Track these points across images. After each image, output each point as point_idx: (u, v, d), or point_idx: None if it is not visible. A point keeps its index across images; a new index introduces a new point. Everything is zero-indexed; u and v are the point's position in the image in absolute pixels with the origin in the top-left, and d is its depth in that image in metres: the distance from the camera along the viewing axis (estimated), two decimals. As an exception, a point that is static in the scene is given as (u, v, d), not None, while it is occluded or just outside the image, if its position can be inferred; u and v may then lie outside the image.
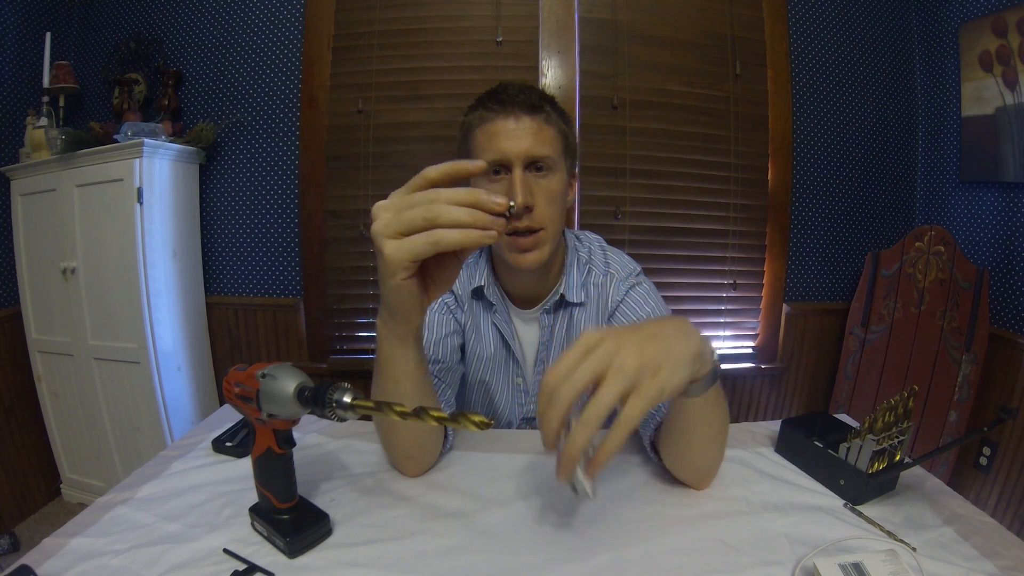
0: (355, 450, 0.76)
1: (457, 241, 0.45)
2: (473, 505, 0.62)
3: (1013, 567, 0.52)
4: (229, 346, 1.99)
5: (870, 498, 0.64)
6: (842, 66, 1.98)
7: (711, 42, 1.87)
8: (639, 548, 0.55)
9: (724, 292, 1.99)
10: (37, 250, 1.77)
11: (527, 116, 0.74)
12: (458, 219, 0.44)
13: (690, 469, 0.65)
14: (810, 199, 2.01)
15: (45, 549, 0.53)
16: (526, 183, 0.73)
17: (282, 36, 1.85)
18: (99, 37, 1.92)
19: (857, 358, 1.94)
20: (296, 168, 1.88)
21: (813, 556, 0.51)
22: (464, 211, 0.44)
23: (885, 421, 0.64)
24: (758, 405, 2.12)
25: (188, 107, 1.90)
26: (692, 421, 0.59)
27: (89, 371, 1.74)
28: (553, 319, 0.87)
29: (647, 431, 0.71)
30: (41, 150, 1.69)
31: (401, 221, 0.46)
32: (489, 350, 0.89)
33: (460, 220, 0.44)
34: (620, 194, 1.88)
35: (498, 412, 0.92)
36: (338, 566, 0.52)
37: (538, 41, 1.81)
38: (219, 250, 1.96)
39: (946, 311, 1.78)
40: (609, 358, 0.42)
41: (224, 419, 0.84)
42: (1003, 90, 1.68)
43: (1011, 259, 1.72)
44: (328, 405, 0.45)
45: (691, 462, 0.64)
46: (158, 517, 0.59)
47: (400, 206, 0.46)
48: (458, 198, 0.45)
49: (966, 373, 1.72)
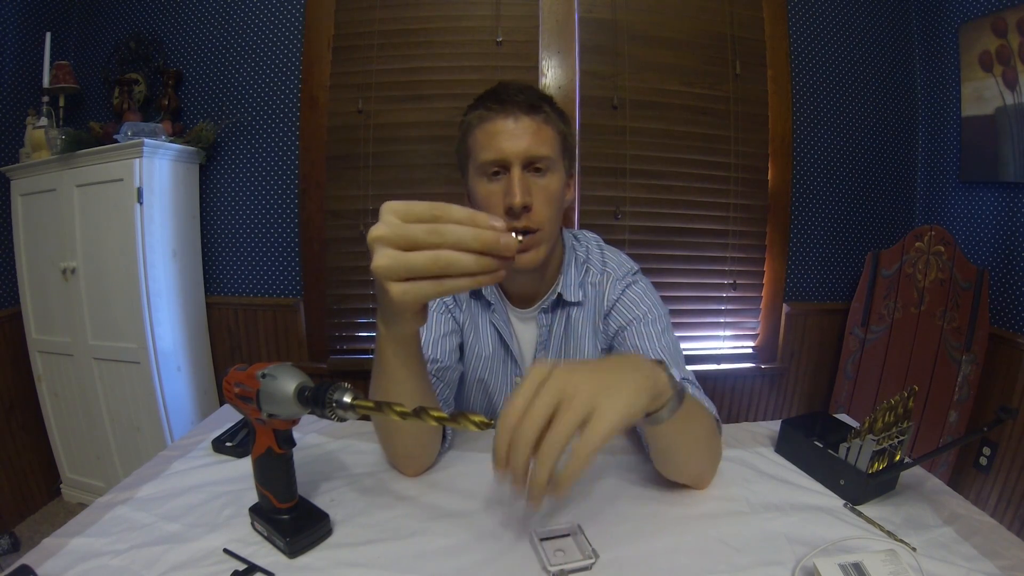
0: (355, 450, 0.76)
1: (466, 287, 0.43)
2: (473, 505, 0.62)
3: (1013, 567, 0.52)
4: (229, 346, 1.99)
5: (870, 498, 0.64)
6: (842, 66, 1.98)
7: (711, 42, 1.87)
8: (639, 548, 0.55)
9: (724, 292, 1.99)
10: (37, 250, 1.77)
11: (526, 116, 0.74)
12: (467, 267, 0.41)
13: (684, 476, 0.66)
14: (810, 199, 2.02)
15: (45, 549, 0.53)
16: (524, 183, 0.73)
17: (282, 36, 1.85)
18: (99, 37, 1.92)
19: (857, 358, 1.94)
20: (296, 168, 1.88)
21: (813, 556, 0.51)
22: (473, 259, 0.41)
23: (885, 421, 0.64)
24: (758, 405, 2.12)
25: (188, 107, 1.90)
26: (671, 441, 0.60)
27: (89, 371, 1.74)
28: (551, 318, 0.87)
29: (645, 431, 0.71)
30: (41, 150, 1.69)
31: (408, 267, 0.42)
32: (487, 349, 0.89)
33: (469, 269, 0.41)
34: (620, 194, 1.88)
35: (497, 412, 0.91)
36: (338, 566, 0.52)
37: (538, 41, 1.81)
38: (219, 250, 1.96)
39: (946, 311, 1.78)
40: (561, 389, 0.42)
41: (224, 419, 0.84)
42: (1003, 90, 1.68)
43: (1011, 259, 1.72)
44: (328, 405, 0.45)
45: (683, 471, 0.65)
46: (158, 517, 0.59)
47: (401, 242, 0.42)
48: (466, 242, 0.41)
49: (966, 373, 1.72)
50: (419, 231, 0.41)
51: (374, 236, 0.42)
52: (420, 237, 0.41)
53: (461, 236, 0.40)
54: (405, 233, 0.41)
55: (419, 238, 0.41)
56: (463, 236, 0.40)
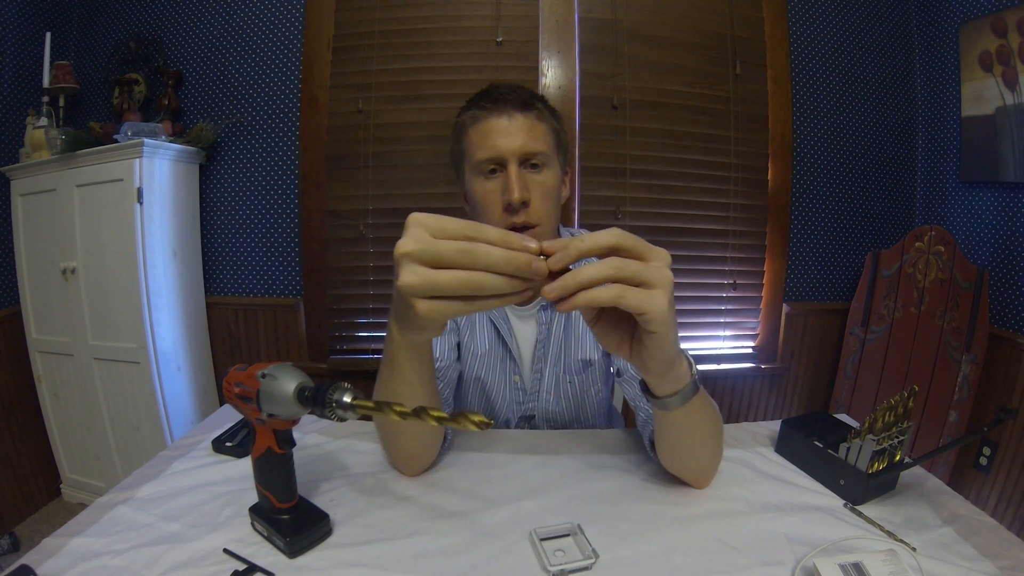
0: (355, 450, 0.76)
1: (493, 307, 0.42)
2: (473, 505, 0.62)
3: (1013, 567, 0.52)
4: (229, 346, 1.99)
5: (870, 498, 0.64)
6: (842, 66, 1.98)
7: (711, 42, 1.87)
8: (639, 548, 0.55)
9: (724, 292, 1.99)
10: (37, 250, 1.76)
11: (519, 113, 0.75)
12: (499, 289, 0.40)
13: (686, 471, 0.66)
14: (810, 199, 2.01)
15: (45, 549, 0.53)
16: (522, 179, 0.74)
17: (282, 36, 1.85)
18: (99, 37, 1.92)
19: (857, 358, 1.95)
20: (296, 168, 1.88)
21: (813, 556, 0.51)
22: (505, 282, 0.40)
23: (885, 421, 0.64)
24: (758, 405, 2.12)
25: (188, 107, 1.90)
26: (678, 430, 0.60)
27: (89, 371, 1.74)
28: (550, 316, 0.88)
29: (646, 430, 0.71)
30: (41, 150, 1.69)
31: (437, 287, 0.40)
32: (484, 346, 0.89)
33: (501, 291, 0.40)
34: (620, 194, 1.88)
35: (496, 411, 0.92)
36: (338, 566, 0.52)
37: (538, 41, 1.81)
38: (219, 250, 1.96)
39: (946, 311, 1.78)
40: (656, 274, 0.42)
41: (224, 419, 0.84)
42: (1003, 90, 1.68)
43: (1011, 259, 1.72)
44: (328, 405, 0.45)
45: (686, 465, 0.65)
46: (158, 517, 0.59)
47: (431, 260, 0.40)
48: (499, 266, 0.39)
49: (966, 373, 1.72)
50: (451, 251, 0.39)
51: (403, 252, 0.40)
52: (452, 257, 0.39)
53: (495, 259, 0.39)
54: (436, 250, 0.39)
55: (451, 258, 0.39)
56: (497, 259, 0.39)
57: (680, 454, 0.64)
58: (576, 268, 0.41)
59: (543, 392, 0.90)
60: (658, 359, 0.48)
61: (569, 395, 0.91)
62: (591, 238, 0.41)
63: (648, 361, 0.48)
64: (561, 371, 0.89)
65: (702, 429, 0.61)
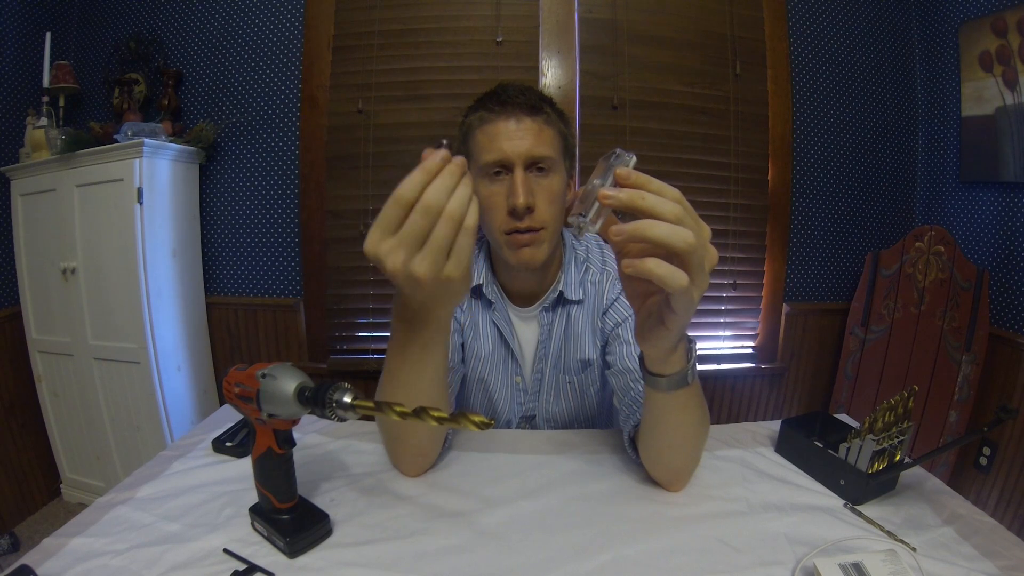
0: (355, 450, 0.76)
1: (472, 223, 0.45)
2: (473, 505, 0.62)
3: (1013, 567, 0.52)
4: (229, 346, 1.99)
5: (870, 498, 0.64)
6: (842, 66, 1.98)
7: (711, 42, 1.87)
8: (639, 548, 0.55)
9: (724, 292, 1.99)
10: (37, 250, 1.76)
11: (528, 117, 0.74)
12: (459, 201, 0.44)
13: (664, 467, 0.66)
14: (810, 199, 2.01)
15: (45, 549, 0.53)
16: (527, 183, 0.74)
17: (282, 36, 1.85)
18: (99, 37, 1.92)
19: (857, 358, 1.94)
20: (296, 168, 1.88)
21: (813, 556, 0.51)
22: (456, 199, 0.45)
23: (885, 421, 0.64)
24: (758, 405, 2.12)
25: (188, 107, 1.90)
26: (666, 418, 0.60)
27: (89, 371, 1.74)
28: (552, 317, 0.88)
29: (627, 427, 0.72)
30: (41, 150, 1.69)
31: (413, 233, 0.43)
32: (487, 348, 0.89)
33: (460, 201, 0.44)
34: (620, 194, 1.88)
35: (497, 411, 0.92)
36: (338, 566, 0.52)
37: (538, 41, 1.81)
38: (219, 250, 1.96)
39: (946, 311, 1.78)
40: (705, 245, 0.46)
41: (224, 419, 0.84)
42: (1003, 90, 1.68)
43: (1011, 259, 1.72)
44: (328, 405, 0.45)
45: (664, 459, 0.65)
46: (158, 517, 0.59)
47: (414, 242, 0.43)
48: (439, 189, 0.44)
49: (966, 373, 1.72)
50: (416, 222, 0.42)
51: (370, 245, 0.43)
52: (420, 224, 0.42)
53: (436, 188, 0.43)
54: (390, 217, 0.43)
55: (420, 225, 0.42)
56: (437, 188, 0.43)
57: (659, 447, 0.64)
58: (649, 223, 0.43)
59: (544, 392, 0.91)
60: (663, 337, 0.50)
61: (569, 395, 0.91)
62: (660, 204, 0.44)
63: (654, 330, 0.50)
64: (561, 371, 0.90)
65: (686, 425, 0.61)
